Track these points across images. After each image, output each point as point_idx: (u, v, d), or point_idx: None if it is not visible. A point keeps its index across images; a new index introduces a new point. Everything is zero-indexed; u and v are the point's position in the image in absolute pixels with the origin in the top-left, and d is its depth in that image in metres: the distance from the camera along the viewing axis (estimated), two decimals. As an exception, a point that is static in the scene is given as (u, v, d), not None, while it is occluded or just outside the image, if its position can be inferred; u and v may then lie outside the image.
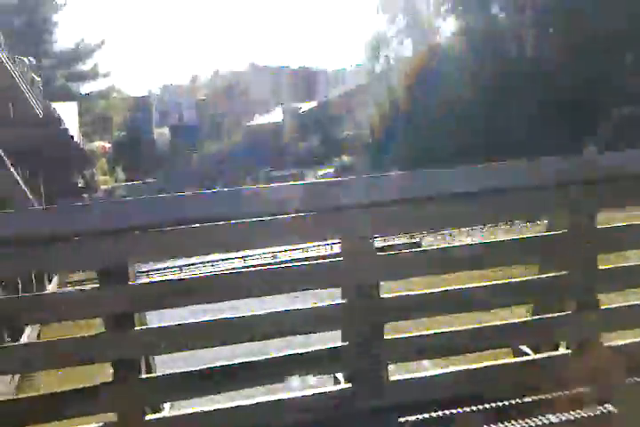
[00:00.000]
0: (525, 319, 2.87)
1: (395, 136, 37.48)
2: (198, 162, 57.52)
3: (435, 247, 3.17)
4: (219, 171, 52.08)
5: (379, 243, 12.54)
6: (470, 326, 2.72)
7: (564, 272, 2.77)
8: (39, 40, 48.16)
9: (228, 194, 2.59)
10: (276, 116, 59.79)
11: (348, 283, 2.64)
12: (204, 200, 2.58)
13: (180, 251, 2.99)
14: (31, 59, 21.60)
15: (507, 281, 2.74)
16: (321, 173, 43.39)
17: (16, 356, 2.50)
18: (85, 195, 27.95)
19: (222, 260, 15.06)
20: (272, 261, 13.30)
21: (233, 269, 13.25)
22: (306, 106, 57.72)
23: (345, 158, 45.68)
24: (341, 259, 2.61)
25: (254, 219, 2.49)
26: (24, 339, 7.17)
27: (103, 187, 44.02)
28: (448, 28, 42.11)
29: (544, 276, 2.85)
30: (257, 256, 14.48)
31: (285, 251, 14.29)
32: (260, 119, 62.65)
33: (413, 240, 14.53)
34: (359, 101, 46.87)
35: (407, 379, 2.65)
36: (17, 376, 6.24)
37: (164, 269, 14.64)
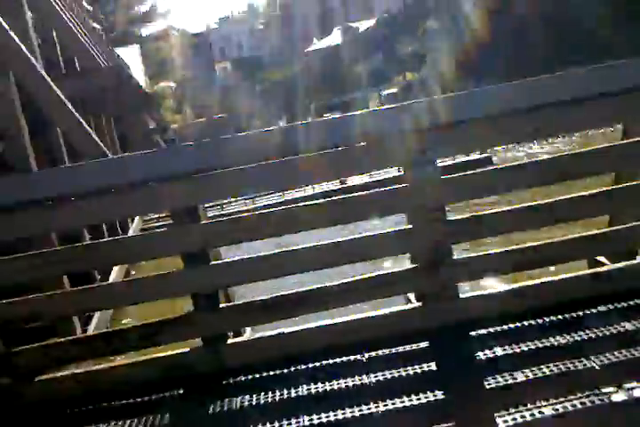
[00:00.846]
0: (603, 230, 2.80)
1: (460, 45, 35.66)
2: (261, 93, 57.36)
3: (498, 166, 3.07)
4: (283, 101, 51.83)
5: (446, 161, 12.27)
6: (542, 242, 2.69)
7: None
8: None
9: (281, 131, 2.61)
10: (334, 38, 58.15)
11: (414, 207, 2.65)
12: (261, 138, 2.62)
13: (247, 188, 3.09)
14: (89, 7, 21.76)
15: (584, 193, 2.65)
16: (384, 93, 42.42)
17: (107, 293, 2.71)
18: (157, 135, 28.76)
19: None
20: (340, 186, 13.39)
21: (303, 197, 13.54)
22: (364, 24, 55.70)
23: (409, 76, 44.31)
24: (406, 184, 2.61)
25: (318, 152, 2.53)
26: (112, 278, 7.68)
27: (173, 126, 44.94)
28: None
29: (625, 186, 2.75)
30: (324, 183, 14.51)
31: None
32: (319, 44, 61.18)
33: (484, 155, 14.09)
34: (421, 14, 44.70)
35: (476, 296, 2.69)
36: (109, 312, 6.72)
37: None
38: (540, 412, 2.03)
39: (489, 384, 2.23)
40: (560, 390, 2.11)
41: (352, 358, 2.58)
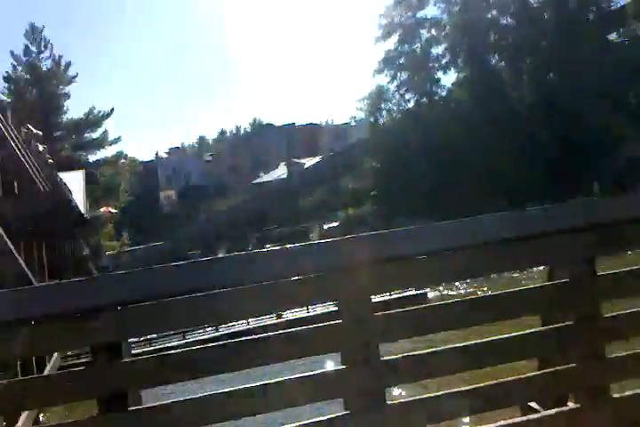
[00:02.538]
0: (531, 374, 2.77)
1: (397, 186, 37.94)
2: (205, 223, 57.90)
3: (430, 304, 3.07)
4: (225, 231, 52.32)
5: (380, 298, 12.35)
6: (473, 386, 2.61)
7: (568, 323, 2.69)
8: (50, 112, 49.58)
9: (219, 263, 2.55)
10: (280, 172, 60.67)
11: (347, 346, 2.56)
12: (205, 269, 2.54)
13: (178, 323, 2.95)
14: (37, 131, 22.19)
15: (509, 335, 2.65)
16: (327, 226, 43.63)
17: None
18: (90, 263, 28.16)
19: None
20: (276, 322, 13.20)
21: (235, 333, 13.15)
22: (310, 161, 58.62)
23: (350, 211, 45.99)
24: (340, 321, 2.54)
25: (250, 285, 2.46)
26: (19, 424, 7.00)
27: (109, 253, 44.26)
28: (449, 80, 44.09)
29: (547, 328, 2.77)
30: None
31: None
32: (265, 177, 63.54)
33: (420, 291, 14.24)
34: (362, 154, 47.56)
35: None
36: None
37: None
38: None
39: None
40: None
41: None
